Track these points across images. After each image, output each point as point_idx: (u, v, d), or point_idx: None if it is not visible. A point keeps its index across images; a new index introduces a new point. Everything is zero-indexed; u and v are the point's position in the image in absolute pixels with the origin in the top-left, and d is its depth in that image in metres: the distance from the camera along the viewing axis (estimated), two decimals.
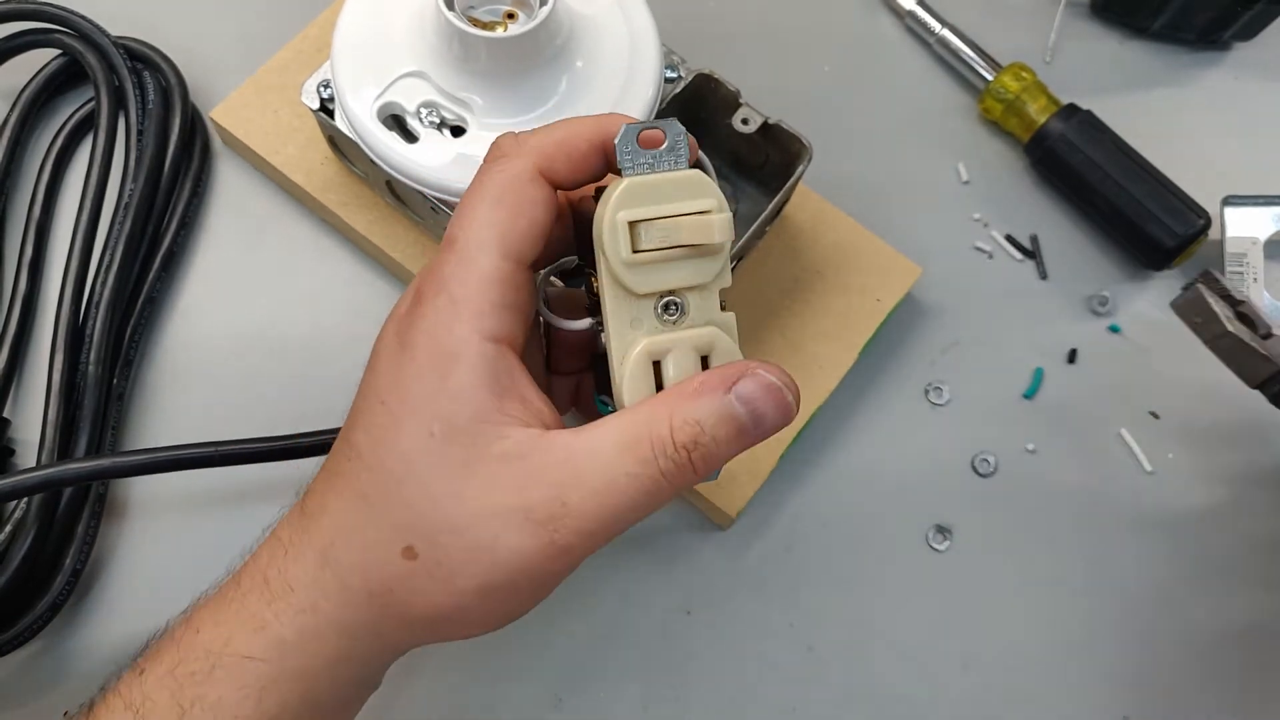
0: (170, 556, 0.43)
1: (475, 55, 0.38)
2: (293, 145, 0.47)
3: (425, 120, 0.39)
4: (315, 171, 0.47)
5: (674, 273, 0.28)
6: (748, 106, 0.42)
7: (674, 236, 0.27)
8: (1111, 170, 0.48)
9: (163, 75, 0.48)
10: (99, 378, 0.42)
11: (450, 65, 0.39)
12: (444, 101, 0.39)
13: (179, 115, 0.47)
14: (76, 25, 0.46)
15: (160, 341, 0.46)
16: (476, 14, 0.40)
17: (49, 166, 0.47)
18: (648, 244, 0.28)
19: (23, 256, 0.46)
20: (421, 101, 0.39)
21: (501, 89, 0.39)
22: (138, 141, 0.46)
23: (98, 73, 0.46)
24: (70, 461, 0.38)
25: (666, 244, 0.28)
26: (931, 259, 0.49)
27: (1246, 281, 0.49)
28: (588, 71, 0.40)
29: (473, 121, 0.39)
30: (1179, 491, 0.46)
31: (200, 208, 0.48)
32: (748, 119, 0.42)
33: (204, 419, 0.44)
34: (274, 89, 0.48)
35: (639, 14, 0.41)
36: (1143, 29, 0.54)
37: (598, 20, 0.41)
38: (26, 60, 0.48)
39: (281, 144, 0.47)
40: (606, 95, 0.40)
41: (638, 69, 0.40)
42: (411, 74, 0.39)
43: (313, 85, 0.42)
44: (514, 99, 0.39)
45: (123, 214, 0.45)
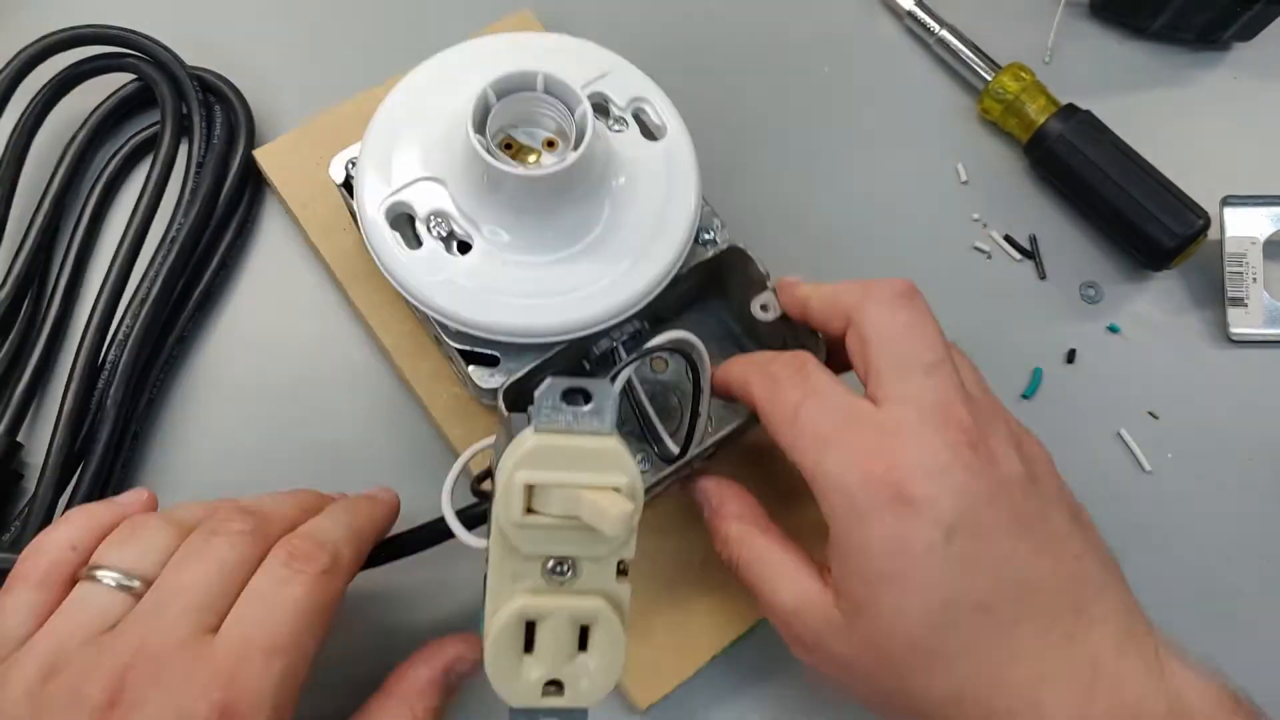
0: None
1: (496, 185, 0.36)
2: (321, 204, 0.46)
3: (433, 229, 0.38)
4: (335, 237, 0.45)
5: (567, 543, 0.26)
6: (771, 292, 0.39)
7: (572, 508, 0.25)
8: (1111, 170, 0.48)
9: (232, 111, 0.47)
10: (116, 413, 0.41)
11: (471, 184, 0.37)
12: (457, 216, 0.38)
13: (240, 153, 0.46)
14: (152, 52, 0.46)
15: (184, 381, 0.45)
16: (516, 134, 0.38)
17: (99, 189, 0.46)
18: (543, 508, 0.26)
19: (59, 279, 0.45)
20: (433, 210, 0.38)
21: (523, 222, 0.37)
22: (195, 174, 0.45)
23: (167, 101, 0.45)
24: None
25: (564, 513, 0.25)
26: (931, 259, 0.49)
27: (1246, 281, 0.49)
28: (614, 220, 0.38)
29: (480, 243, 0.38)
30: (1178, 491, 0.46)
31: (242, 250, 0.47)
32: (767, 305, 0.39)
33: (216, 469, 0.44)
34: (322, 142, 0.46)
35: (684, 162, 0.40)
36: (1142, 29, 0.54)
37: (639, 163, 0.39)
38: (103, 82, 0.47)
39: (311, 199, 0.46)
40: (631, 246, 0.38)
41: (671, 220, 0.39)
42: (432, 179, 0.38)
43: (343, 158, 0.41)
44: (537, 236, 0.37)
45: (168, 247, 0.43)
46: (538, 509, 0.26)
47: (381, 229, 0.38)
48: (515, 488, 0.25)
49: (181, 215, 0.44)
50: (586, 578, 0.27)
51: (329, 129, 0.47)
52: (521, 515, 0.26)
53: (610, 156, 0.38)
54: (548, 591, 0.27)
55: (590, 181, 0.37)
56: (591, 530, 0.25)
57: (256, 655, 0.28)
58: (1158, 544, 0.45)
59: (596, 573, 0.27)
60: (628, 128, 0.40)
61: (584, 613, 0.27)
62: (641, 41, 0.52)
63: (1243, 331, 0.48)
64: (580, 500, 0.25)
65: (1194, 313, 0.49)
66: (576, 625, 0.27)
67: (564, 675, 0.27)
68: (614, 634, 0.27)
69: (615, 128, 0.40)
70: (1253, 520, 0.46)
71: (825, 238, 0.49)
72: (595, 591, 0.27)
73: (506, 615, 0.26)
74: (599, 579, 0.27)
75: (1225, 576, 0.45)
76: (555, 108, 0.37)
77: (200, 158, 0.46)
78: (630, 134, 0.40)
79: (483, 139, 0.36)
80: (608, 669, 0.27)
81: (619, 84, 0.40)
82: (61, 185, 0.46)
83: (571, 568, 0.27)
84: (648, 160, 0.39)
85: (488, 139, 0.37)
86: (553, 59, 0.39)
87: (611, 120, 0.40)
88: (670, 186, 0.39)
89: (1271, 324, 0.48)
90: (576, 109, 0.36)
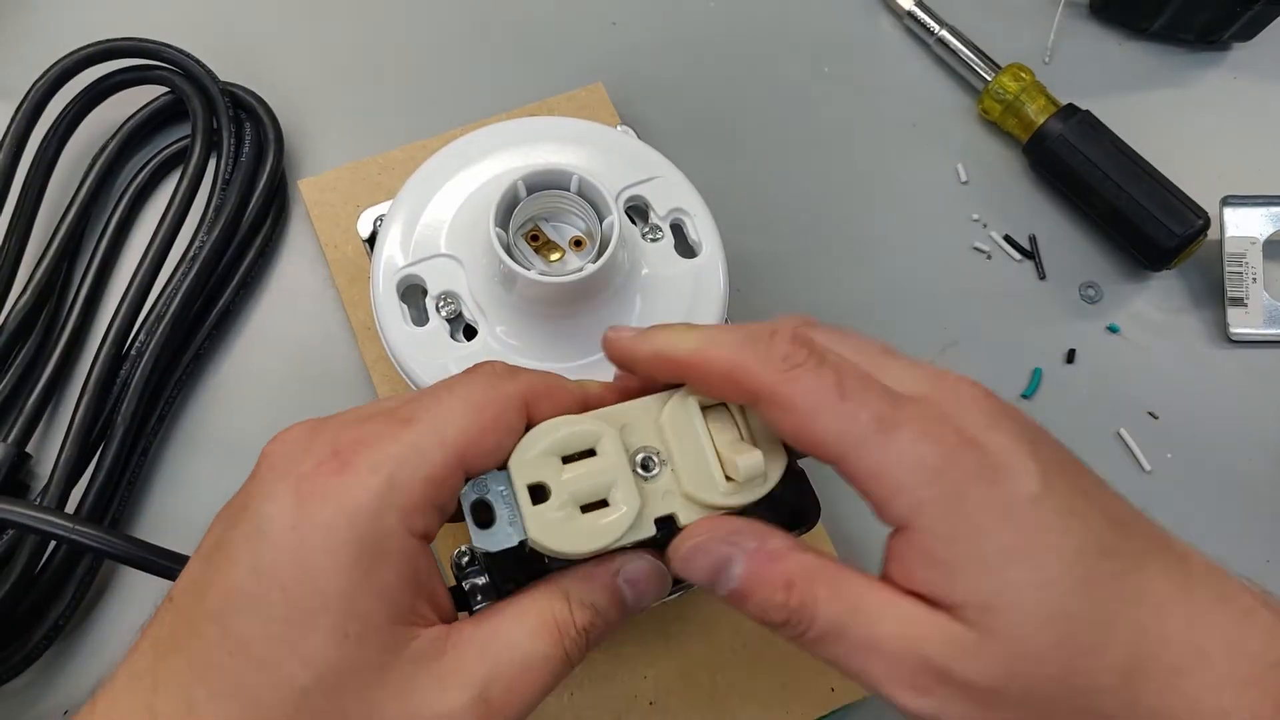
0: None
1: (509, 282, 0.35)
2: (352, 247, 0.45)
3: (441, 309, 0.37)
4: (357, 282, 0.45)
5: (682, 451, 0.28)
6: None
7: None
8: (1110, 170, 0.48)
9: (262, 128, 0.47)
10: (127, 428, 0.41)
11: (486, 274, 0.36)
12: (468, 300, 0.37)
13: (268, 172, 0.46)
14: (185, 65, 0.46)
15: (197, 399, 0.45)
16: (545, 226, 0.38)
17: (125, 200, 0.46)
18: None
19: (80, 289, 0.44)
20: (446, 290, 0.37)
21: (532, 323, 0.36)
22: (221, 190, 0.45)
23: (198, 115, 0.45)
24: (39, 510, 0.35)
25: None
26: (930, 259, 0.49)
27: (1246, 281, 0.49)
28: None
29: (484, 333, 0.37)
30: (1178, 491, 0.46)
31: (264, 270, 0.47)
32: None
33: (226, 489, 0.43)
34: (366, 183, 0.46)
35: (713, 288, 0.38)
36: (1142, 29, 0.54)
37: (665, 281, 0.38)
38: (135, 94, 0.47)
39: (343, 240, 0.45)
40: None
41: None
42: (451, 258, 0.37)
43: (373, 214, 0.40)
44: (544, 340, 0.37)
45: (189, 264, 0.43)
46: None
47: (390, 299, 0.37)
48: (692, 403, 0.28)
49: (205, 232, 0.44)
50: (665, 481, 0.28)
51: (375, 173, 0.46)
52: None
53: (635, 269, 0.37)
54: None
55: (606, 295, 0.36)
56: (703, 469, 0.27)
57: (394, 422, 0.26)
58: None
59: (672, 480, 0.28)
60: (663, 238, 0.39)
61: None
62: (641, 40, 0.53)
63: (1243, 331, 0.48)
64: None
65: (1194, 313, 0.49)
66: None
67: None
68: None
69: (650, 235, 0.39)
70: (1253, 520, 0.46)
71: (824, 238, 0.49)
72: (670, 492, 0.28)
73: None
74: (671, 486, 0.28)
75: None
76: (586, 211, 0.36)
77: (227, 174, 0.45)
78: (664, 245, 0.39)
79: (503, 234, 0.35)
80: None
81: (664, 190, 0.39)
82: (88, 195, 0.46)
83: (659, 467, 0.28)
84: (676, 279, 0.38)
85: (509, 234, 0.36)
86: (604, 154, 0.38)
87: (648, 226, 0.39)
88: (692, 311, 0.38)
89: (1271, 324, 0.48)
90: (606, 218, 0.35)
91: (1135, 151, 0.49)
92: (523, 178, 0.35)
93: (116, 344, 0.42)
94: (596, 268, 0.34)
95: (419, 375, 0.36)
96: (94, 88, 0.46)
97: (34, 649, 0.39)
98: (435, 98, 0.51)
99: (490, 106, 0.48)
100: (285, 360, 0.46)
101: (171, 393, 0.44)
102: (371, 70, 0.51)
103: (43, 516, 0.35)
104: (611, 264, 0.35)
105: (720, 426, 0.28)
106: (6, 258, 0.44)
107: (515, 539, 0.27)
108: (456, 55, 0.52)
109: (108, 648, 0.41)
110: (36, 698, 0.40)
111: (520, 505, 0.27)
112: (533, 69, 0.51)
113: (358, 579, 0.24)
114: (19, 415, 0.42)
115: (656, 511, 0.28)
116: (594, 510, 0.27)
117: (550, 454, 0.27)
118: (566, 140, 0.40)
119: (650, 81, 0.51)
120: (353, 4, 0.52)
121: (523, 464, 0.27)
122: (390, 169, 0.46)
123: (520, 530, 0.27)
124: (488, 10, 0.53)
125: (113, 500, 0.41)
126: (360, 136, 0.50)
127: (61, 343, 0.43)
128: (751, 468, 0.27)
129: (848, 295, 0.49)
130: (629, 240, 0.37)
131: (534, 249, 0.37)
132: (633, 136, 0.42)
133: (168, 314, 0.42)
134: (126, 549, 0.34)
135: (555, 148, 0.39)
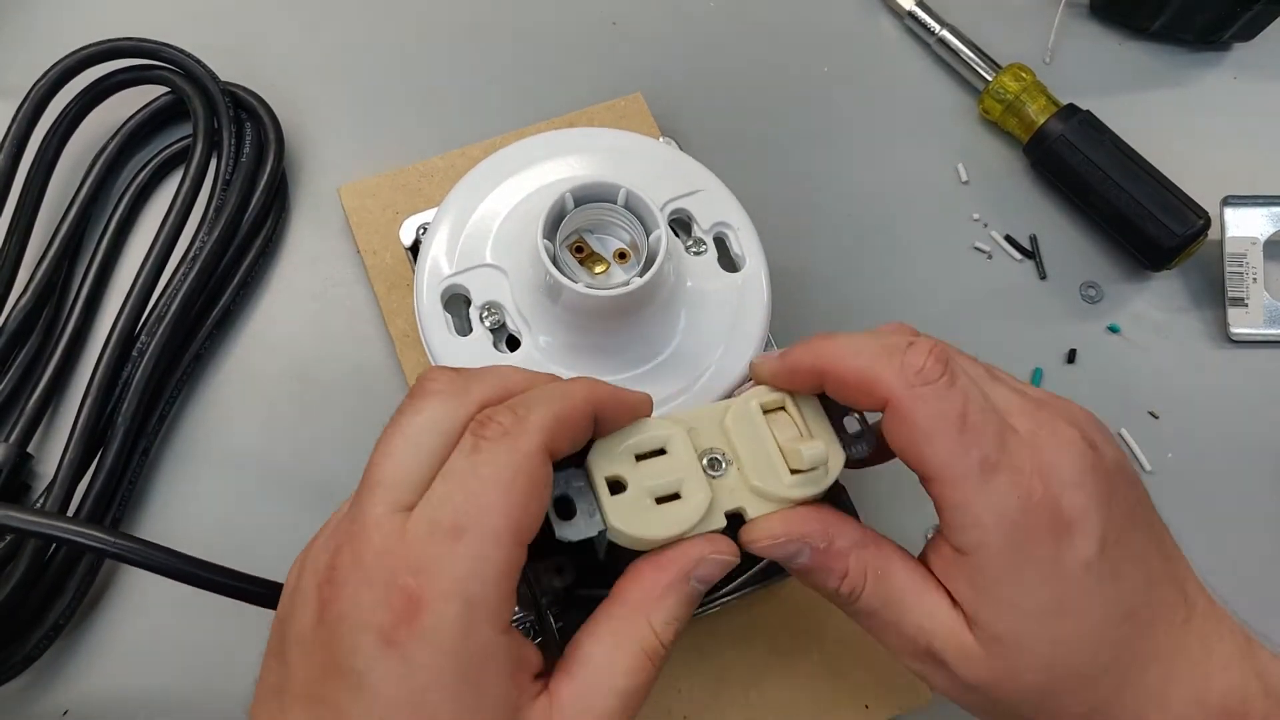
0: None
1: (555, 294, 0.35)
2: (391, 254, 0.45)
3: (485, 319, 0.37)
4: (396, 290, 0.44)
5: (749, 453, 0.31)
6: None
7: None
8: (1111, 170, 0.48)
9: (262, 128, 0.46)
10: (128, 429, 0.41)
11: (531, 285, 0.36)
12: (511, 311, 0.37)
13: (268, 172, 0.46)
14: (186, 65, 0.45)
15: (198, 400, 0.45)
16: (590, 239, 0.37)
17: (126, 200, 0.46)
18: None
19: (81, 290, 0.44)
20: (490, 300, 0.37)
21: (573, 335, 0.36)
22: (222, 190, 0.45)
23: (199, 115, 0.45)
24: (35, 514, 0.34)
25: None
26: (931, 259, 0.49)
27: (1246, 281, 0.49)
28: (672, 350, 0.37)
29: (528, 343, 0.37)
30: (1178, 491, 0.46)
31: (265, 269, 0.47)
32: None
33: (228, 489, 0.43)
34: (406, 190, 0.46)
35: (756, 301, 0.38)
36: (1142, 29, 0.54)
37: (708, 295, 0.38)
38: (135, 94, 0.47)
39: (382, 246, 0.45)
40: (683, 376, 0.37)
41: (728, 364, 0.37)
42: (496, 268, 0.37)
43: (416, 222, 0.40)
44: (586, 352, 0.37)
45: (189, 264, 0.43)
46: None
47: (435, 308, 0.37)
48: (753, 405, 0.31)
49: (205, 232, 0.44)
50: (732, 479, 0.30)
51: (415, 180, 0.46)
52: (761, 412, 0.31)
53: (679, 283, 0.37)
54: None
55: (651, 308, 0.36)
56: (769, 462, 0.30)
57: (442, 536, 0.25)
58: None
59: (739, 478, 0.30)
60: (706, 251, 0.39)
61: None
62: (636, 37, 0.53)
63: (1243, 331, 0.48)
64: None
65: (1194, 313, 0.49)
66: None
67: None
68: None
69: (693, 249, 0.39)
70: (1253, 520, 0.46)
71: (825, 238, 0.50)
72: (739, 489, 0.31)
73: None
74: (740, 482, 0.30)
75: (1225, 577, 0.45)
76: (632, 224, 0.36)
77: (228, 174, 0.45)
78: (708, 259, 0.39)
79: (550, 245, 0.35)
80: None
81: (707, 204, 0.39)
82: (89, 195, 0.46)
83: (725, 466, 0.30)
84: (720, 293, 0.38)
85: (556, 244, 0.35)
86: (647, 167, 0.38)
87: (691, 240, 0.39)
88: (736, 325, 0.38)
89: (1271, 324, 0.48)
90: (653, 232, 0.35)
91: (1135, 151, 0.49)
92: (571, 190, 0.35)
93: (119, 344, 0.42)
94: (643, 282, 0.34)
95: None
96: (94, 87, 0.46)
97: (34, 649, 0.39)
98: (436, 98, 0.51)
99: (507, 110, 0.48)
100: (285, 360, 0.46)
101: (172, 393, 0.44)
102: (372, 70, 0.51)
103: (46, 521, 0.34)
104: (658, 278, 0.35)
105: (782, 426, 0.31)
106: (7, 258, 0.43)
107: (596, 528, 0.29)
108: (457, 56, 0.52)
109: (108, 648, 0.41)
110: (36, 698, 0.40)
111: (600, 496, 0.29)
112: (534, 75, 0.51)
113: (471, 699, 0.25)
114: (20, 416, 0.42)
115: (726, 505, 0.30)
116: (668, 502, 0.29)
117: (627, 452, 0.29)
118: (611, 151, 0.40)
119: (648, 82, 0.51)
120: (353, 4, 0.52)
121: (600, 460, 0.29)
122: (431, 176, 0.46)
123: (600, 521, 0.29)
124: (486, 9, 0.53)
125: (114, 500, 0.41)
126: (361, 136, 0.50)
127: (62, 343, 0.43)
128: (815, 455, 0.29)
129: (848, 295, 0.48)
130: (673, 253, 0.37)
131: (579, 260, 0.37)
132: (675, 148, 0.41)
133: (168, 314, 0.42)
134: (135, 549, 0.34)
135: (600, 159, 0.39)
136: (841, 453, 0.31)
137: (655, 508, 0.29)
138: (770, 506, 0.30)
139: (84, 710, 0.40)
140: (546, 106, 0.49)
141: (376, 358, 0.46)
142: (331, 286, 0.47)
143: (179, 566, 0.33)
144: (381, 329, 0.46)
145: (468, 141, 0.47)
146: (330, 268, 0.47)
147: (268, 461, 0.44)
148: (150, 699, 0.40)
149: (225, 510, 0.43)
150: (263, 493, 0.43)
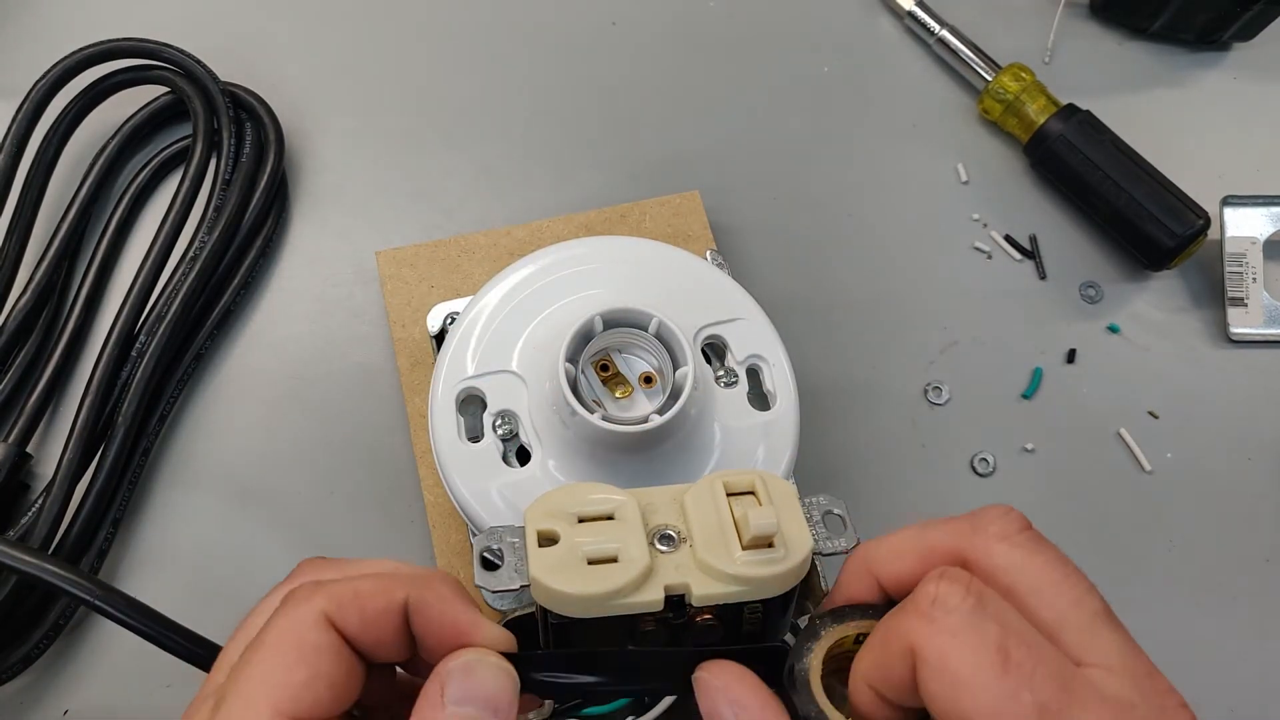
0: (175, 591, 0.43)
1: (568, 418, 0.33)
2: (419, 330, 0.43)
3: (498, 427, 0.36)
4: (419, 368, 0.43)
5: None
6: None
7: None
8: (1111, 170, 0.48)
9: (262, 128, 0.46)
10: (128, 429, 0.41)
11: (547, 403, 0.35)
12: (526, 424, 0.35)
13: (269, 172, 0.46)
14: (185, 65, 0.45)
15: (197, 400, 0.45)
16: (617, 357, 0.36)
17: (127, 200, 0.46)
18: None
19: (81, 290, 0.44)
20: (504, 408, 0.36)
21: (581, 462, 0.35)
22: (222, 190, 0.45)
23: (199, 115, 0.45)
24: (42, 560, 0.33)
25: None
26: (931, 259, 0.49)
27: (1246, 281, 0.49)
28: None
29: (537, 460, 0.35)
30: (1178, 491, 0.46)
31: (265, 269, 0.47)
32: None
33: (227, 489, 0.43)
34: (444, 264, 0.45)
35: (783, 444, 0.36)
36: (1142, 29, 0.54)
37: (733, 433, 0.36)
38: (136, 94, 0.47)
39: (411, 321, 0.44)
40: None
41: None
42: (516, 375, 0.36)
43: (444, 310, 0.40)
44: (599, 480, 0.33)
45: (189, 265, 0.43)
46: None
47: (448, 408, 0.36)
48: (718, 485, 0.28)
49: (205, 232, 0.44)
50: (681, 555, 0.27)
51: (455, 254, 0.45)
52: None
53: (702, 417, 0.35)
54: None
55: (668, 445, 0.35)
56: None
57: (209, 709, 0.24)
58: (1158, 544, 0.45)
59: (688, 554, 0.27)
60: (737, 383, 0.37)
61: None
62: (637, 35, 0.53)
63: (1243, 331, 0.48)
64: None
65: (1194, 313, 0.49)
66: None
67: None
68: None
69: (725, 379, 0.37)
70: (1253, 520, 0.46)
71: (825, 238, 0.50)
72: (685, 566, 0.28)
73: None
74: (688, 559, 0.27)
75: (1225, 576, 0.45)
76: (660, 353, 0.35)
77: (228, 175, 0.45)
78: (737, 392, 0.37)
79: (570, 369, 0.33)
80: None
81: (744, 334, 0.38)
82: (89, 195, 0.46)
83: (677, 543, 0.27)
84: (746, 432, 0.36)
85: (579, 366, 0.34)
86: (690, 286, 0.36)
87: (723, 369, 0.38)
88: (759, 467, 0.36)
89: (1271, 324, 0.48)
90: (680, 367, 0.34)
91: (1135, 151, 0.49)
92: (601, 313, 0.34)
93: (119, 344, 0.42)
94: (662, 421, 0.33)
95: (463, 494, 0.35)
96: (94, 88, 0.46)
97: (34, 649, 0.39)
98: (436, 98, 0.51)
99: (577, 200, 0.47)
100: (285, 360, 0.46)
101: (172, 393, 0.44)
102: (373, 70, 0.51)
103: (36, 562, 0.33)
104: (679, 417, 0.33)
105: (745, 505, 0.27)
106: (7, 258, 0.44)
107: (519, 582, 0.27)
108: (458, 55, 0.52)
109: (108, 648, 0.41)
110: (36, 698, 0.40)
111: (528, 548, 0.27)
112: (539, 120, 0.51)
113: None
114: (19, 416, 0.42)
115: (667, 579, 0.27)
116: (601, 564, 0.26)
117: (566, 510, 0.27)
118: (654, 264, 0.38)
119: (649, 82, 0.51)
120: (353, 4, 0.52)
121: (537, 515, 0.27)
122: (470, 252, 0.45)
123: (524, 575, 0.27)
124: (487, 9, 0.53)
125: (113, 500, 0.41)
126: (361, 137, 0.50)
127: (62, 343, 0.43)
128: (763, 525, 0.26)
129: (848, 295, 0.49)
130: (702, 382, 0.36)
131: (602, 379, 0.36)
132: (722, 271, 0.40)
133: (169, 314, 0.42)
134: (121, 607, 0.32)
135: (643, 272, 0.38)
136: (809, 538, 0.27)
137: (585, 567, 0.26)
138: (718, 585, 0.26)
139: (85, 710, 0.40)
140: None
141: (377, 358, 0.46)
142: (331, 286, 0.47)
143: (137, 621, 0.32)
144: (382, 329, 0.46)
145: (479, 158, 0.47)
146: (330, 268, 0.47)
147: (268, 461, 0.44)
148: (151, 699, 0.40)
149: (225, 510, 0.43)
150: (263, 493, 0.43)
